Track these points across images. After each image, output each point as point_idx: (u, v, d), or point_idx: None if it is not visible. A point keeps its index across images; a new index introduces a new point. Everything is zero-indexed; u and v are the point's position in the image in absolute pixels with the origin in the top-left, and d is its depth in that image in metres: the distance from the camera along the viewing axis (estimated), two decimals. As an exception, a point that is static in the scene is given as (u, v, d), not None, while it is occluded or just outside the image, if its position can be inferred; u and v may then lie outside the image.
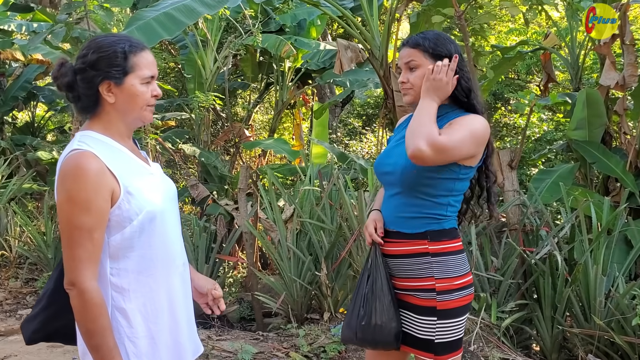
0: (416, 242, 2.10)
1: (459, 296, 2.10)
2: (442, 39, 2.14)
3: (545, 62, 7.44)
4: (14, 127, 10.13)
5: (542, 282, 4.05)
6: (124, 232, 1.70)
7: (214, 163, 7.39)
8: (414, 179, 2.07)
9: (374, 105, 13.34)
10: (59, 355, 4.25)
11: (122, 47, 1.73)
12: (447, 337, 2.09)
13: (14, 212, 6.07)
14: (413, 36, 2.19)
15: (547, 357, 4.11)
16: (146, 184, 1.77)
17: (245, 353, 3.98)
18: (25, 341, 1.91)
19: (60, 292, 1.80)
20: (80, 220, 1.62)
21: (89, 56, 1.72)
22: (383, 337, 2.11)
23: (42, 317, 1.86)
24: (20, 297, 5.53)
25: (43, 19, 8.06)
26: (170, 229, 1.83)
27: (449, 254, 2.11)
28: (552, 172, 5.50)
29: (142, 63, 1.76)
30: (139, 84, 1.75)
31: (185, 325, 1.88)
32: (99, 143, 1.72)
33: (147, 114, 1.81)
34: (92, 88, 1.72)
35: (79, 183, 1.62)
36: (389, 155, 2.23)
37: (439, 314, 2.08)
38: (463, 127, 2.03)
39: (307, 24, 8.65)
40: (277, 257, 4.74)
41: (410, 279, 2.13)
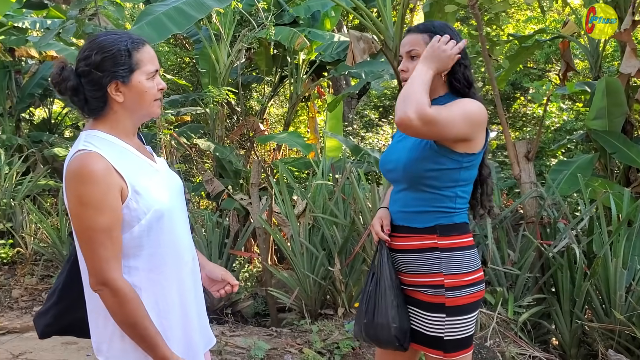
0: (425, 236, 2.06)
1: (468, 293, 2.05)
2: (449, 32, 2.09)
3: (564, 50, 7.28)
4: (30, 124, 10.21)
5: (560, 276, 3.95)
6: (133, 232, 1.70)
7: (229, 157, 7.36)
8: (417, 173, 2.04)
9: (390, 97, 13.25)
10: (73, 352, 4.26)
11: (124, 45, 1.72)
12: (457, 334, 2.05)
13: (29, 209, 6.09)
14: (420, 23, 2.15)
15: (566, 352, 4.02)
16: (153, 182, 1.77)
17: (258, 349, 3.96)
18: (38, 335, 1.94)
19: (72, 286, 1.86)
20: (97, 222, 1.62)
21: (93, 57, 1.69)
22: (384, 336, 2.08)
23: (54, 311, 1.89)
24: (36, 293, 5.56)
25: (57, 15, 8.09)
26: (177, 225, 1.83)
27: (459, 250, 2.06)
28: (571, 163, 5.38)
29: (145, 58, 1.75)
30: (145, 80, 1.75)
31: (196, 319, 1.89)
32: (104, 143, 1.71)
33: (155, 109, 1.81)
34: (101, 90, 1.71)
35: (88, 185, 1.61)
36: (392, 152, 2.20)
37: (448, 310, 2.03)
38: (455, 106, 1.99)
39: (321, 16, 8.57)
40: (290, 252, 4.70)
41: (419, 275, 2.08)
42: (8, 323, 4.85)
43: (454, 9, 4.45)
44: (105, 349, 1.75)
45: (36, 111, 10.98)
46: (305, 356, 3.82)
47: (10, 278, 5.86)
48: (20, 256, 6.16)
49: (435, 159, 2.01)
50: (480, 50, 4.44)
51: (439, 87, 2.09)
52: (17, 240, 6.22)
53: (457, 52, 2.02)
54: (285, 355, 3.96)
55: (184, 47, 10.46)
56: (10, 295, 5.50)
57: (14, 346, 4.38)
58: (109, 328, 1.73)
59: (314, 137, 9.43)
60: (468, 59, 2.12)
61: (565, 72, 7.39)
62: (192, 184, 7.90)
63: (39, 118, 10.83)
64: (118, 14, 5.27)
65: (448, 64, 2.02)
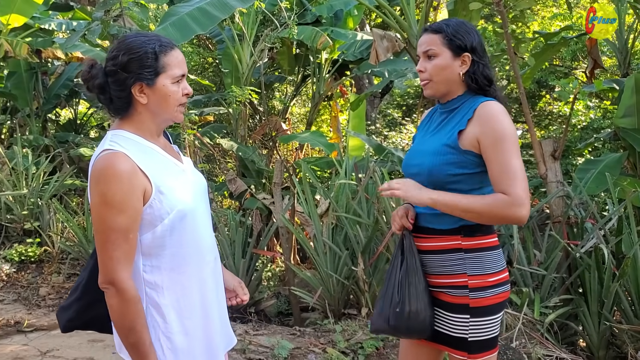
0: (449, 237, 2.03)
1: (492, 294, 2.02)
2: (464, 28, 2.06)
3: (591, 47, 7.15)
4: (57, 125, 10.35)
5: (587, 277, 3.88)
6: (155, 231, 1.71)
7: (252, 157, 7.38)
8: (442, 178, 2.01)
9: (414, 95, 13.14)
10: (99, 350, 4.31)
11: (152, 48, 1.73)
12: (481, 335, 2.01)
13: (56, 209, 6.18)
14: (436, 22, 2.12)
15: (594, 354, 3.95)
16: (178, 182, 1.77)
17: (281, 348, 3.96)
18: (60, 329, 1.96)
19: (95, 282, 1.84)
20: (115, 222, 1.63)
21: (120, 58, 1.71)
22: (417, 325, 2.03)
23: (76, 306, 1.90)
24: (63, 291, 5.64)
25: (82, 17, 8.20)
26: (200, 225, 1.84)
27: (483, 250, 2.03)
28: (599, 162, 5.28)
29: (172, 62, 1.75)
30: (170, 84, 1.75)
31: (217, 319, 1.89)
32: (130, 142, 1.73)
33: (178, 114, 1.81)
34: (125, 90, 1.73)
35: (112, 184, 1.62)
36: (414, 155, 2.15)
37: (472, 311, 2.00)
38: (499, 148, 1.94)
39: (343, 15, 8.54)
40: (313, 251, 4.69)
41: (443, 276, 2.05)
42: (36, 320, 4.93)
43: (479, 6, 4.41)
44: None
45: (62, 112, 11.13)
46: (328, 356, 3.81)
47: (38, 276, 5.95)
48: (47, 255, 6.26)
49: (460, 163, 1.98)
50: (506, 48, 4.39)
51: (456, 87, 2.07)
52: (45, 239, 6.31)
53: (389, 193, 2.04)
54: (309, 355, 3.95)
55: (207, 47, 10.52)
56: (38, 294, 5.59)
57: (42, 343, 4.44)
58: None
59: (336, 137, 9.41)
60: (486, 57, 2.08)
61: (592, 70, 7.26)
62: (215, 184, 7.95)
63: (65, 119, 10.98)
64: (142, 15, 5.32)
65: (416, 193, 2.01)
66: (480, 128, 1.96)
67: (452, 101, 2.08)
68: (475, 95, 2.07)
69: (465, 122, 2.00)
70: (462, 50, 2.03)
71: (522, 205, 1.90)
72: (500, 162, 1.93)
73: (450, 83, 2.07)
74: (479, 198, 1.97)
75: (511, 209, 1.90)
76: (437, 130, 2.13)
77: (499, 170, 1.93)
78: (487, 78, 2.05)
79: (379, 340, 3.97)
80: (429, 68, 2.06)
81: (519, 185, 1.91)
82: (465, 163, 1.98)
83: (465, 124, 2.00)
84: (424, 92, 2.13)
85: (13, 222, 6.63)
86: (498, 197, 1.93)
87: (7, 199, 6.62)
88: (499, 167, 1.93)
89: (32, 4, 7.19)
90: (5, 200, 6.63)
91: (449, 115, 2.10)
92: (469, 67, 2.04)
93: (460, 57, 2.04)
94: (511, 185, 1.91)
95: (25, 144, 7.75)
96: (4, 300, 5.46)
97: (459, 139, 1.99)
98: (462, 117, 2.03)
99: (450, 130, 2.03)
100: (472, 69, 2.04)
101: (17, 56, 7.10)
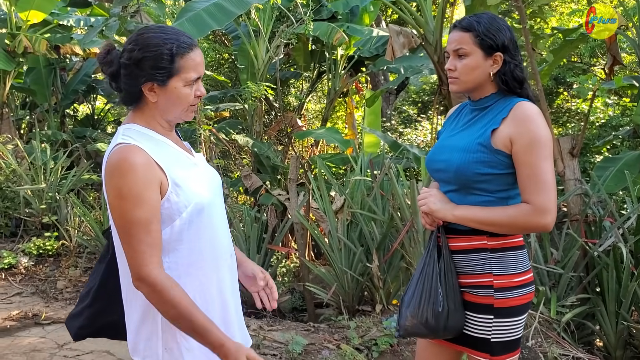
0: (474, 237, 2.00)
1: (518, 294, 1.98)
2: (496, 25, 1.98)
3: (610, 44, 7.04)
4: (74, 120, 10.45)
5: (605, 276, 3.84)
6: (174, 226, 1.69)
7: (267, 153, 7.40)
8: (470, 177, 1.96)
9: (429, 92, 13.09)
10: (116, 344, 4.29)
11: (169, 49, 1.66)
12: (504, 336, 1.98)
13: (73, 203, 6.23)
14: (466, 18, 2.03)
15: (611, 353, 3.91)
16: (192, 175, 1.75)
17: (295, 344, 3.96)
18: (72, 337, 1.93)
19: (106, 287, 1.85)
20: (135, 215, 1.60)
21: (135, 53, 1.66)
22: (455, 323, 2.00)
23: (87, 313, 1.88)
24: (80, 285, 5.69)
25: (100, 13, 8.26)
26: (217, 220, 1.82)
27: (509, 250, 1.99)
28: (618, 160, 5.22)
29: (188, 65, 1.70)
30: (182, 87, 1.70)
31: (234, 316, 1.87)
32: (143, 136, 1.71)
33: (188, 114, 1.78)
34: (135, 86, 1.69)
35: (127, 178, 1.60)
36: (441, 151, 2.10)
37: (496, 312, 1.97)
38: (532, 151, 1.90)
39: (359, 11, 8.52)
40: (328, 248, 4.68)
41: (467, 276, 2.02)
42: (53, 313, 4.98)
43: (497, 1, 4.36)
44: (141, 348, 1.74)
45: (80, 107, 11.23)
46: (342, 352, 3.81)
47: (55, 270, 6.02)
48: (64, 249, 6.32)
49: (490, 162, 1.94)
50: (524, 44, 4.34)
51: (487, 86, 2.02)
52: (62, 233, 6.38)
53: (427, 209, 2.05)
54: (323, 351, 3.95)
55: (223, 43, 10.55)
56: (55, 287, 5.65)
57: (59, 336, 4.49)
58: (147, 327, 1.72)
59: (351, 133, 9.40)
60: (518, 55, 2.01)
61: (611, 66, 7.15)
62: (230, 179, 7.97)
63: (83, 114, 11.08)
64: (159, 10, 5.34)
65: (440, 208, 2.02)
66: (515, 129, 1.91)
67: (484, 99, 2.03)
68: (507, 94, 2.02)
69: (499, 121, 1.95)
70: (494, 50, 1.97)
71: (546, 213, 1.87)
72: (530, 166, 1.89)
73: (479, 82, 2.01)
74: (500, 210, 1.94)
75: (534, 217, 1.88)
76: (466, 127, 2.08)
77: (528, 174, 1.90)
78: (517, 80, 1.99)
79: (393, 337, 3.96)
80: (459, 67, 2.01)
81: (545, 193, 1.88)
82: (495, 163, 1.94)
83: (499, 122, 1.94)
84: (450, 88, 2.08)
85: (31, 216, 6.71)
86: (521, 208, 1.91)
87: (25, 193, 6.70)
88: (529, 170, 1.89)
89: (51, 1, 7.26)
90: (24, 194, 6.71)
91: (481, 113, 2.05)
92: (500, 67, 1.98)
93: (492, 57, 1.98)
94: (537, 193, 1.88)
95: (43, 139, 7.83)
96: (22, 293, 5.53)
97: (492, 137, 1.94)
98: (495, 115, 1.98)
99: (482, 128, 1.99)
100: (503, 69, 1.98)
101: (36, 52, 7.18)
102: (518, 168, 1.92)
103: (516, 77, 1.99)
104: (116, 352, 4.15)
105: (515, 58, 2.00)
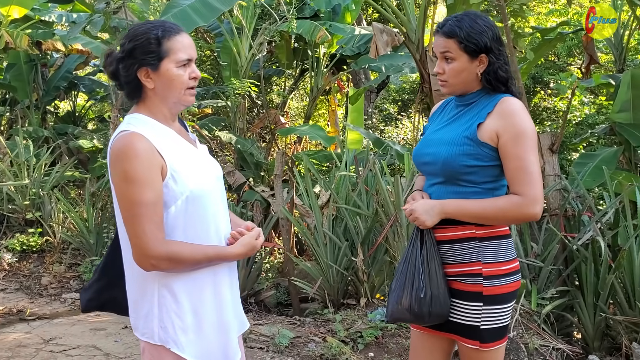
0: (463, 227, 2.06)
1: (506, 282, 2.06)
2: (477, 28, 2.02)
3: (587, 43, 7.20)
4: (56, 117, 10.36)
5: (584, 269, 3.95)
6: (169, 212, 1.77)
7: (250, 150, 7.43)
8: (457, 169, 2.03)
9: (409, 91, 13.20)
10: (102, 338, 4.36)
11: (154, 34, 1.80)
12: (493, 324, 2.05)
13: (57, 199, 6.21)
14: (448, 21, 2.08)
15: (589, 344, 4.02)
16: (192, 164, 1.84)
17: (282, 337, 4.02)
18: (81, 308, 2.06)
19: (110, 267, 1.99)
20: (142, 196, 1.69)
21: (126, 45, 1.80)
22: (439, 309, 2.05)
23: (95, 287, 2.02)
24: (64, 281, 5.68)
25: (82, 9, 8.18)
26: (215, 209, 1.89)
27: (497, 238, 2.07)
28: (595, 156, 5.35)
29: (176, 47, 1.81)
30: (174, 68, 1.81)
31: (230, 302, 1.92)
32: (145, 124, 1.80)
33: (187, 97, 1.86)
34: (131, 75, 1.80)
35: (132, 161, 1.69)
36: (428, 144, 2.16)
37: (485, 299, 2.04)
38: (518, 144, 1.98)
39: (341, 9, 8.57)
40: (313, 242, 4.74)
41: (457, 265, 2.09)
42: (38, 309, 4.98)
43: (479, 0, 4.45)
44: (141, 325, 1.83)
45: (61, 104, 11.13)
46: (329, 344, 3.87)
47: (40, 266, 6.00)
48: (48, 245, 6.29)
49: (476, 155, 2.01)
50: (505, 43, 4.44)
51: (473, 83, 2.08)
52: (46, 229, 6.35)
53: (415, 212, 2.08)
54: (309, 344, 4.02)
55: (205, 40, 10.53)
56: (40, 283, 5.64)
57: (44, 331, 4.49)
58: (145, 305, 1.80)
59: (334, 130, 9.46)
60: (503, 53, 2.07)
61: (588, 65, 7.31)
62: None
63: (64, 111, 10.99)
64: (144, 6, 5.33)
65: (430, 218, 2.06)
66: (501, 122, 1.99)
67: (469, 95, 2.10)
68: (492, 91, 2.08)
69: (485, 115, 2.02)
70: (478, 52, 2.03)
71: (536, 203, 1.96)
72: (517, 158, 1.97)
73: (468, 83, 2.08)
74: (490, 202, 2.02)
75: (525, 208, 1.97)
76: (451, 121, 2.14)
77: (515, 167, 1.97)
78: (500, 80, 2.05)
79: (378, 329, 4.04)
80: (447, 71, 2.07)
81: (533, 184, 1.96)
82: (481, 156, 2.01)
83: (485, 117, 2.02)
84: (442, 90, 2.15)
85: (15, 212, 6.66)
86: (512, 200, 1.99)
87: (8, 189, 6.65)
88: (516, 163, 1.97)
89: (32, -4, 7.20)
90: (7, 191, 6.66)
91: (465, 108, 2.12)
92: (486, 66, 2.05)
93: (477, 59, 2.04)
94: (526, 184, 1.96)
95: (25, 135, 7.77)
96: (7, 289, 5.51)
97: (478, 131, 2.01)
98: (480, 110, 2.05)
99: (468, 122, 2.05)
100: (487, 69, 2.05)
101: (17, 48, 7.11)
102: (505, 161, 2.00)
103: (499, 77, 2.05)
104: (103, 347, 4.17)
105: (500, 57, 2.05)
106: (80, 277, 5.69)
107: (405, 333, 4.00)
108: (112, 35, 6.20)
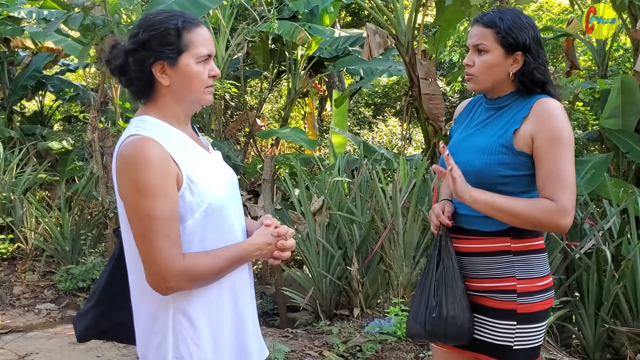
0: (498, 239, 1.93)
1: (540, 299, 1.94)
2: (519, 23, 1.91)
3: (568, 48, 7.25)
4: (22, 117, 9.99)
5: (585, 278, 3.87)
6: (186, 226, 1.57)
7: (227, 153, 7.22)
8: (491, 180, 1.90)
9: (381, 95, 13.29)
10: (82, 353, 4.11)
11: (174, 24, 1.59)
12: (527, 344, 1.93)
13: (29, 203, 5.90)
14: (489, 13, 1.97)
15: (590, 355, 3.95)
16: (208, 172, 1.64)
17: (277, 352, 3.83)
18: (76, 337, 1.85)
19: (111, 288, 1.76)
20: (156, 209, 1.49)
21: (140, 35, 1.58)
22: (456, 330, 1.92)
23: (93, 313, 1.80)
24: (38, 290, 5.37)
25: (52, 6, 7.83)
26: (233, 220, 1.70)
27: (532, 253, 1.94)
28: (585, 163, 5.31)
29: (197, 40, 1.61)
30: (194, 64, 1.61)
31: (251, 323, 1.76)
32: (157, 128, 1.59)
33: (206, 96, 1.67)
34: (145, 70, 1.59)
35: (144, 170, 1.49)
36: (460, 152, 2.00)
37: (519, 317, 1.91)
38: (554, 149, 1.84)
39: (319, 11, 8.46)
40: (305, 250, 4.57)
41: (489, 280, 1.95)
42: (10, 321, 4.69)
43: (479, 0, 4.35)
44: (151, 356, 1.62)
45: (27, 104, 10.75)
46: (327, 359, 3.71)
47: (11, 274, 5.65)
48: (20, 252, 5.96)
49: (512, 164, 1.88)
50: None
51: (503, 83, 1.95)
52: (17, 235, 6.01)
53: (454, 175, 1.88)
54: (305, 359, 3.84)
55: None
56: (12, 292, 5.31)
57: (19, 346, 4.22)
58: (157, 332, 1.60)
59: (312, 133, 9.33)
60: (541, 55, 1.94)
61: (569, 71, 7.37)
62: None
63: (30, 110, 10.61)
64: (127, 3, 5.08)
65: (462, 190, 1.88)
66: (537, 126, 1.85)
67: (502, 98, 1.97)
68: (527, 93, 1.94)
69: (521, 120, 1.88)
70: (515, 49, 1.90)
71: (567, 214, 1.83)
72: (552, 164, 1.83)
73: (497, 81, 1.94)
74: (522, 201, 1.87)
75: (555, 217, 1.82)
76: (482, 126, 2.01)
77: (549, 172, 1.83)
78: (536, 82, 1.92)
79: (377, 342, 3.89)
80: (478, 63, 1.93)
81: (567, 193, 1.82)
82: (518, 165, 1.88)
83: (521, 122, 1.88)
84: (467, 85, 2.01)
85: (-17, 218, 6.30)
86: (544, 203, 1.84)
87: (-25, 194, 6.29)
88: (550, 168, 1.83)
89: (0, -10, 6.86)
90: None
91: (498, 112, 1.98)
92: (520, 67, 1.91)
93: (512, 56, 1.91)
94: (559, 192, 1.82)
95: (-7, 136, 7.42)
96: (-25, 300, 5.19)
97: (514, 138, 1.88)
98: (514, 114, 1.92)
99: (503, 128, 1.92)
100: (522, 70, 1.91)
101: (-17, 44, 6.77)
102: (538, 164, 1.87)
103: (535, 79, 1.92)
104: (83, 364, 3.93)
105: (538, 59, 1.93)
106: (55, 286, 5.38)
107: (406, 346, 3.86)
108: (87, 32, 5.89)
